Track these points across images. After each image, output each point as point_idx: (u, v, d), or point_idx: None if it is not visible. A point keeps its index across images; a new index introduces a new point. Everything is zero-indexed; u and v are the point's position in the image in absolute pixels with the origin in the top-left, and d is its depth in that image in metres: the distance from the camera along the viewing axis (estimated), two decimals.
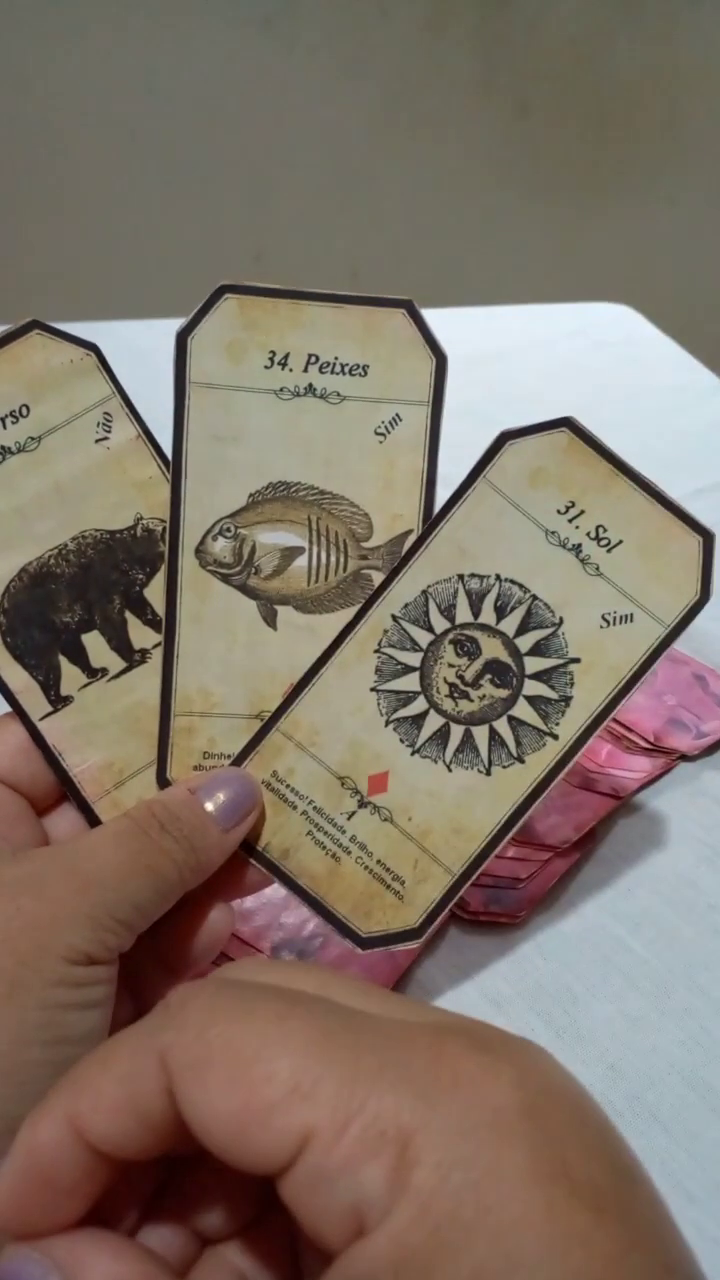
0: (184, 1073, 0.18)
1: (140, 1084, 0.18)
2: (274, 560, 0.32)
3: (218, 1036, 0.18)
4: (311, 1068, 0.17)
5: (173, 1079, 0.18)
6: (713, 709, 0.48)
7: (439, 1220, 0.16)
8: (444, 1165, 0.16)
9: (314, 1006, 0.19)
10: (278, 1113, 0.17)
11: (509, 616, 0.31)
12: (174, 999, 0.19)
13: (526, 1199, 0.16)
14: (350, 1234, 0.16)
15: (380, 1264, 0.16)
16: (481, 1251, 0.16)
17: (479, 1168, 0.16)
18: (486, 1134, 0.16)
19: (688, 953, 0.39)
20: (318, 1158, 0.17)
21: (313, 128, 1.35)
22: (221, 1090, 0.17)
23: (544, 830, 0.41)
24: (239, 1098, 0.17)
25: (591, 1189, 0.16)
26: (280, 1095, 0.17)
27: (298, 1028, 0.18)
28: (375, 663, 0.31)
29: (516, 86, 1.41)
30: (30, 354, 0.31)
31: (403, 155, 1.40)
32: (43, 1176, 0.18)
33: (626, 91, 1.45)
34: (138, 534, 0.32)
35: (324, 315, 0.32)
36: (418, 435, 0.32)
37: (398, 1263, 0.16)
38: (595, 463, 0.30)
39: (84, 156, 1.29)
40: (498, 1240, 0.16)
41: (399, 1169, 0.16)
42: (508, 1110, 0.17)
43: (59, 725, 0.31)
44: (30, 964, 0.24)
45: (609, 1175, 0.17)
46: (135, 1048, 0.19)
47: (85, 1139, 0.18)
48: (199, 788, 0.29)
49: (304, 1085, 0.17)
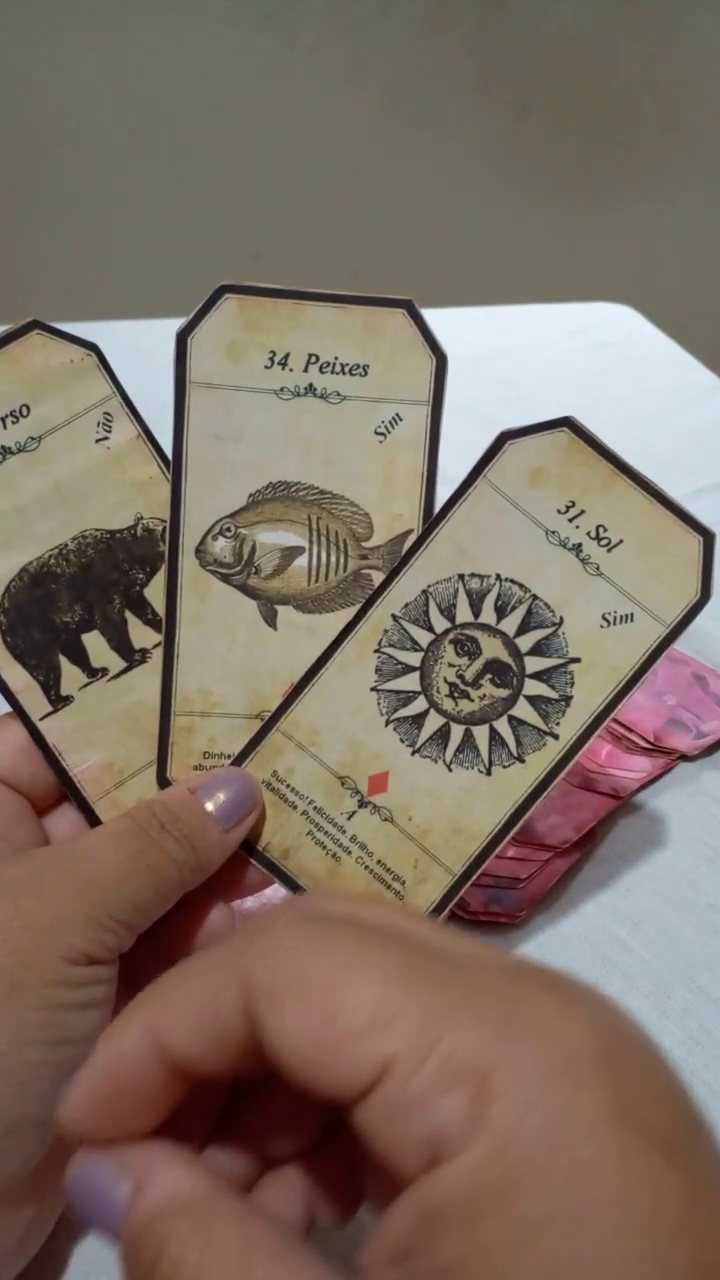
0: (264, 999, 0.18)
1: (220, 1004, 0.18)
2: (274, 560, 0.32)
3: (298, 964, 0.18)
4: (391, 999, 0.17)
5: (253, 1004, 0.18)
6: (713, 709, 0.48)
7: (516, 1157, 0.16)
8: (522, 1104, 0.16)
9: (390, 940, 0.19)
10: (357, 1042, 0.17)
11: (509, 616, 0.31)
12: (253, 925, 0.20)
13: (600, 1142, 0.16)
14: (424, 1163, 0.17)
15: (456, 1194, 0.16)
16: (556, 1190, 0.16)
17: (555, 1108, 0.16)
18: (562, 1076, 0.17)
19: (688, 953, 0.39)
20: (396, 1087, 0.17)
21: (313, 128, 1.35)
22: (301, 1018, 0.18)
23: (544, 830, 0.41)
24: (318, 1025, 0.18)
25: (661, 1135, 0.17)
26: (360, 1025, 0.17)
27: (376, 959, 0.18)
28: (375, 662, 0.31)
29: (516, 86, 1.41)
30: (30, 354, 0.31)
31: (403, 155, 1.40)
32: (121, 1083, 0.19)
33: (626, 91, 1.45)
34: (138, 534, 0.32)
35: (324, 315, 0.32)
36: (418, 435, 0.32)
37: (474, 1194, 0.16)
38: (595, 462, 0.30)
39: (84, 156, 1.29)
40: (573, 1180, 0.16)
41: (477, 1103, 0.16)
42: (582, 1054, 0.17)
43: (59, 725, 0.31)
44: (30, 964, 0.24)
45: (678, 1123, 0.17)
46: (216, 969, 0.19)
47: (164, 1051, 0.19)
48: (199, 788, 0.29)
49: (383, 1016, 0.17)
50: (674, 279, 1.56)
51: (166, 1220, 0.18)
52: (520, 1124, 0.16)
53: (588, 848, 0.42)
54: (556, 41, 1.39)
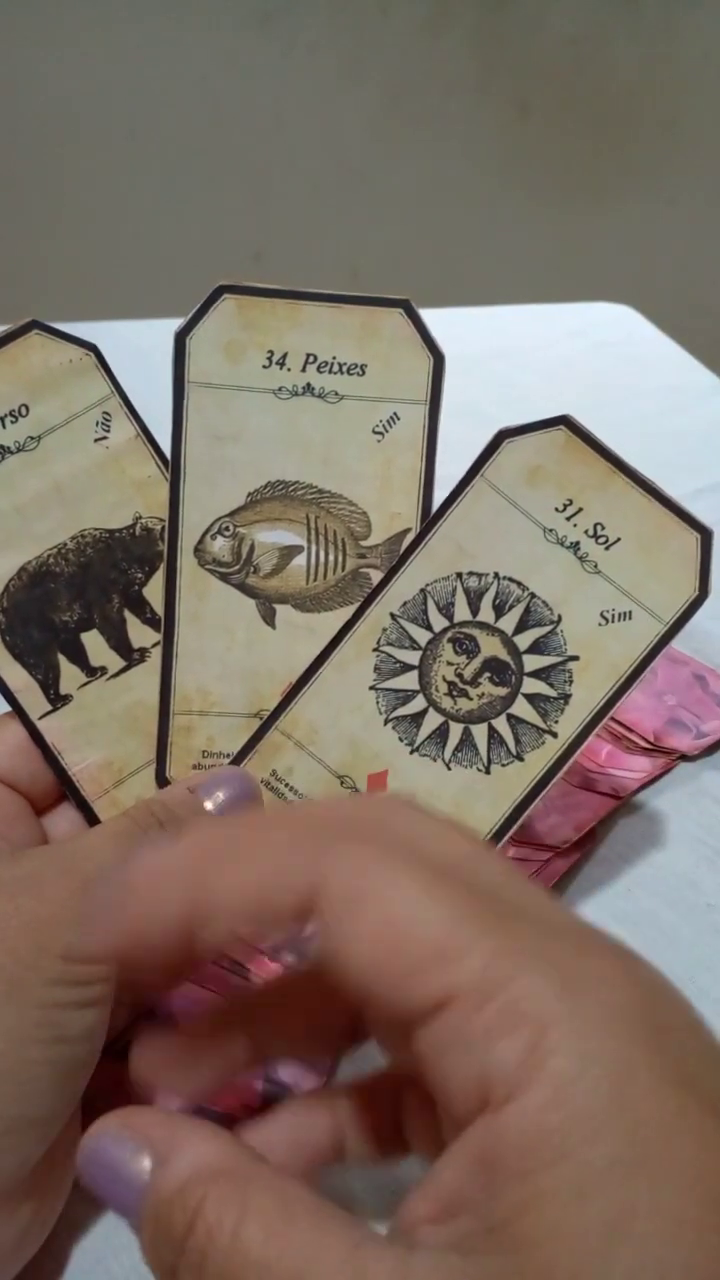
0: (337, 907, 0.18)
1: (278, 891, 0.18)
2: (273, 559, 0.32)
3: (375, 880, 0.18)
4: (460, 935, 0.18)
5: (322, 908, 0.18)
6: (713, 709, 0.48)
7: (576, 1109, 0.16)
8: (582, 1057, 0.16)
9: (462, 879, 0.19)
10: (423, 971, 0.17)
11: (508, 614, 0.31)
12: (326, 834, 0.20)
13: (659, 1100, 0.16)
14: (475, 1103, 0.17)
15: (514, 1141, 0.16)
16: (616, 1142, 0.16)
17: (615, 1065, 0.16)
18: (623, 1035, 0.17)
19: (688, 953, 0.39)
20: (456, 1021, 0.17)
21: (313, 128, 1.35)
22: (371, 935, 0.18)
23: (544, 830, 0.41)
24: (388, 947, 0.18)
25: (713, 1099, 0.17)
26: (429, 954, 0.17)
27: (448, 895, 0.18)
28: (374, 661, 0.31)
29: (516, 87, 1.41)
30: (29, 354, 0.31)
31: (403, 155, 1.40)
32: (144, 932, 0.19)
33: (626, 91, 1.45)
34: (137, 533, 0.32)
35: (322, 315, 0.32)
36: (416, 434, 0.32)
37: (533, 1142, 0.16)
38: (593, 460, 0.30)
39: (83, 156, 1.29)
40: (633, 1133, 0.16)
41: (535, 1051, 0.17)
42: (641, 1016, 0.17)
43: (58, 724, 0.31)
44: (29, 963, 0.24)
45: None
46: (284, 859, 0.19)
47: (198, 915, 0.18)
48: (198, 787, 0.29)
49: (453, 950, 0.17)
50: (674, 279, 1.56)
51: (199, 1186, 0.17)
52: (580, 1077, 0.16)
53: (588, 848, 0.42)
54: (556, 41, 1.39)
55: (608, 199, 1.52)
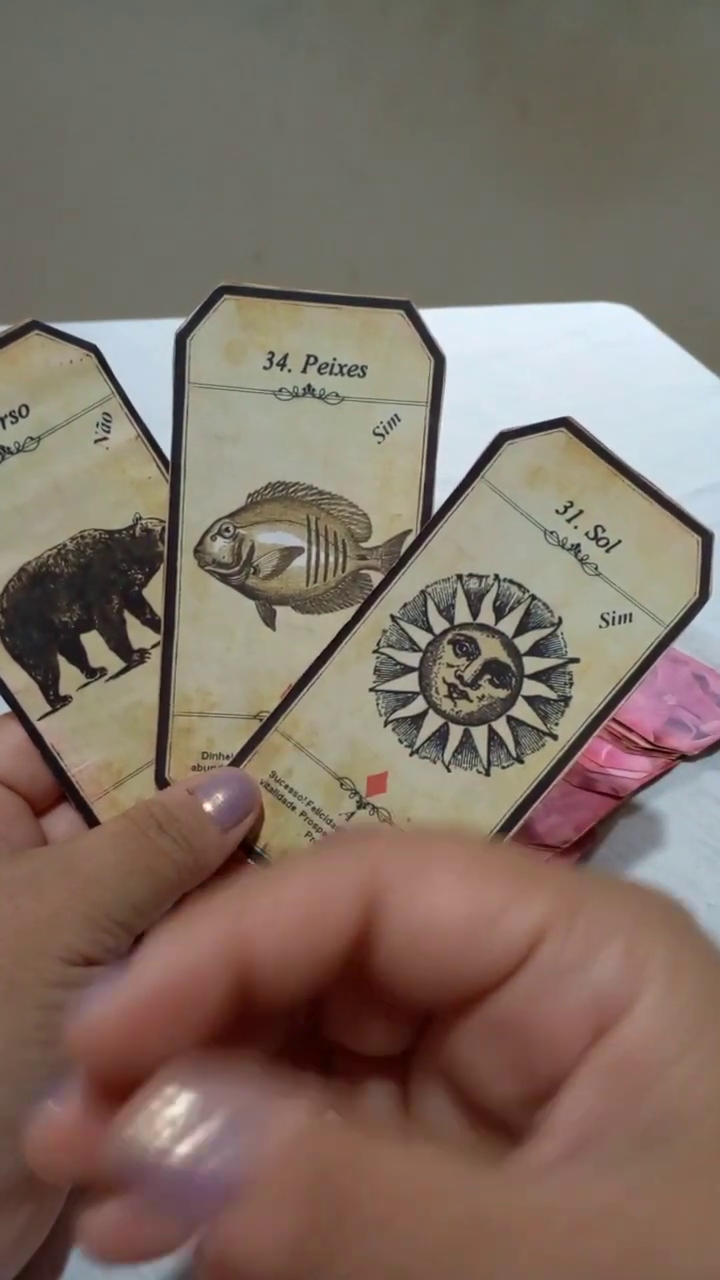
0: (404, 877, 0.18)
1: (330, 901, 0.17)
2: (273, 560, 0.32)
3: (435, 845, 0.18)
4: (524, 882, 0.18)
5: (385, 887, 0.17)
6: (713, 709, 0.48)
7: (692, 994, 0.16)
8: (675, 949, 0.17)
9: (497, 851, 0.19)
10: (508, 910, 0.17)
11: (508, 616, 0.31)
12: (352, 833, 0.19)
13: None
14: (589, 1030, 0.17)
15: (649, 1037, 0.16)
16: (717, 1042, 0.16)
17: (702, 971, 0.17)
18: (688, 928, 0.18)
19: None
20: (553, 951, 0.17)
21: (313, 128, 1.35)
22: (449, 891, 0.17)
23: (544, 830, 0.41)
24: (467, 898, 0.17)
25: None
26: (507, 898, 0.17)
27: (499, 858, 0.18)
28: (374, 663, 0.31)
29: (516, 87, 1.41)
30: (30, 354, 0.31)
31: (403, 155, 1.40)
32: (172, 998, 0.16)
33: (626, 91, 1.45)
34: (137, 534, 0.32)
35: (322, 316, 0.32)
36: (416, 435, 0.32)
37: (667, 1032, 0.16)
38: (593, 462, 0.30)
39: (83, 156, 1.29)
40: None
41: (634, 953, 0.17)
42: (689, 922, 0.18)
43: (58, 725, 0.31)
44: (28, 964, 0.24)
45: None
46: (328, 866, 0.18)
47: (244, 960, 0.16)
48: (198, 788, 0.29)
49: (525, 893, 0.17)
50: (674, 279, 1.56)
51: (316, 1139, 0.14)
52: (682, 966, 0.17)
53: (588, 848, 0.42)
54: (556, 41, 1.39)
55: (608, 199, 1.52)
